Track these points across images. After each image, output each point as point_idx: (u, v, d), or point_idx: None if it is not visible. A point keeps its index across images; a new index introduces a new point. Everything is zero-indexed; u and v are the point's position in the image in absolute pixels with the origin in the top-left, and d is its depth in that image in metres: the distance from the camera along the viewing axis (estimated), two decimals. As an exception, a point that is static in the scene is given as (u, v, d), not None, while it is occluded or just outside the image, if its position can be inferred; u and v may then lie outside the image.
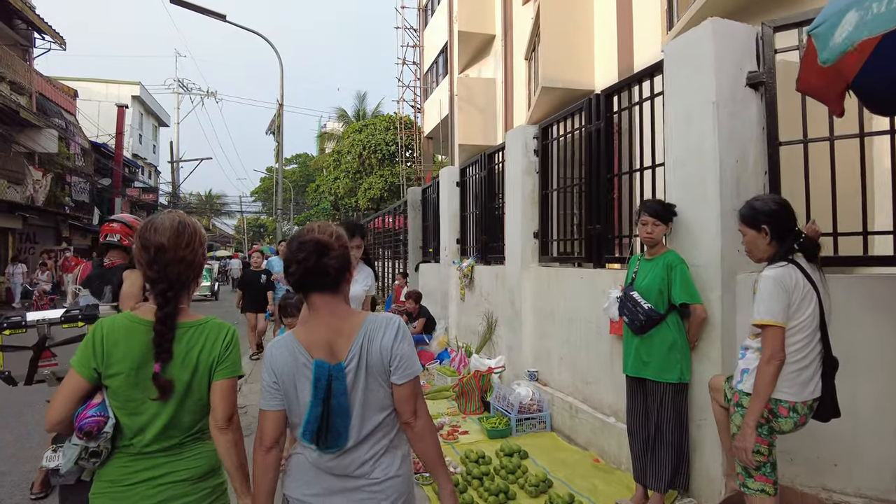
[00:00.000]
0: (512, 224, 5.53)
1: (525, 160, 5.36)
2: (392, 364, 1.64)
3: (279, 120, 14.40)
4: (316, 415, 1.58)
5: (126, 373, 1.63)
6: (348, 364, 1.62)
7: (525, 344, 5.32)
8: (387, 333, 1.66)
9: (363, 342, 1.64)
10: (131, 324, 1.68)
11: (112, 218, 3.82)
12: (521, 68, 15.15)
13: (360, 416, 1.64)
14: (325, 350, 1.63)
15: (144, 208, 31.96)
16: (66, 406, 1.63)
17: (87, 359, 1.64)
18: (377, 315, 1.72)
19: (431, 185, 9.11)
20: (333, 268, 1.66)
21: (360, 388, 1.63)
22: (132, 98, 31.78)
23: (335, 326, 1.66)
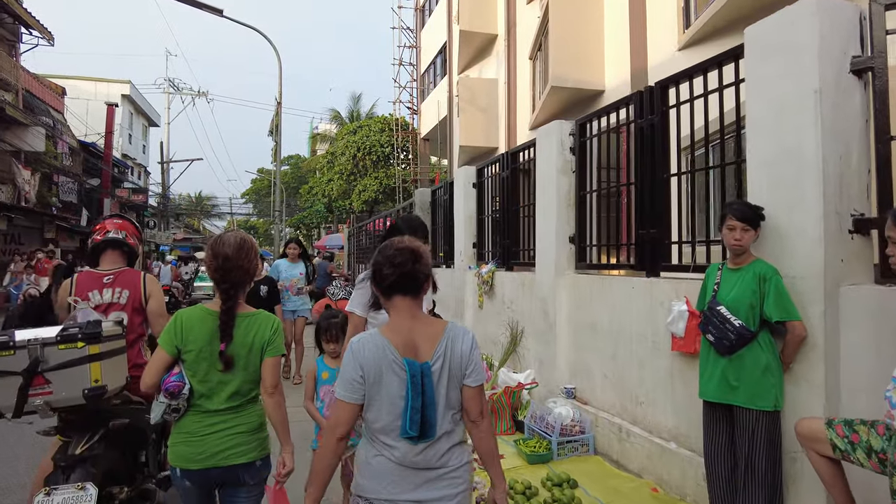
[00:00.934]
0: (545, 228, 5.13)
1: (560, 158, 4.95)
2: (468, 368, 1.84)
3: (278, 119, 13.91)
4: (416, 406, 1.75)
5: (198, 350, 2.16)
6: (434, 364, 1.80)
7: (560, 358, 4.91)
8: (465, 341, 1.85)
9: (447, 346, 1.83)
10: (203, 314, 2.22)
11: (116, 214, 3.37)
12: (525, 69, 14.82)
13: (443, 411, 1.82)
14: (411, 350, 1.81)
15: (134, 209, 31.27)
16: (156, 374, 2.17)
17: (171, 338, 2.18)
18: (455, 325, 1.91)
19: (442, 185, 8.69)
20: (424, 273, 1.84)
21: (444, 386, 1.82)
22: (122, 97, 31.12)
23: (419, 329, 1.84)
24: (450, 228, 8.38)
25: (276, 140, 13.91)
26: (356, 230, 21.02)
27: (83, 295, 2.89)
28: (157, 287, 3.13)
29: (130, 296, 3.00)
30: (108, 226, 3.23)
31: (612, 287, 4.30)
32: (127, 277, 3.05)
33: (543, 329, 5.11)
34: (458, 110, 18.62)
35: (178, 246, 39.80)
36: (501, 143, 16.91)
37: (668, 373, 3.72)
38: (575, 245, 4.92)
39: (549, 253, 5.02)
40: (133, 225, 3.32)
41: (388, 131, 29.92)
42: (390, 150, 29.95)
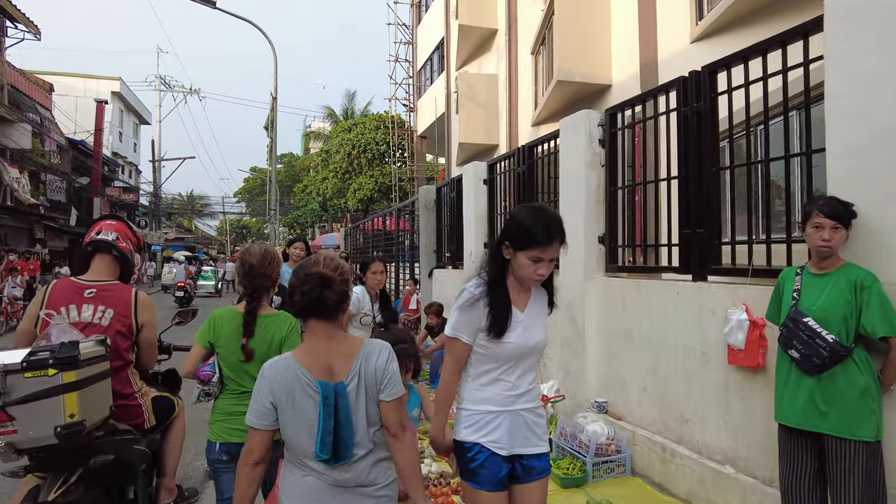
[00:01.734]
0: (571, 227, 4.69)
1: (589, 151, 4.55)
2: (383, 383, 1.84)
3: (273, 114, 13.46)
4: (328, 429, 1.76)
5: (227, 344, 2.53)
6: (349, 383, 1.82)
7: (589, 369, 4.51)
8: (381, 356, 1.87)
9: (361, 363, 1.84)
10: (232, 313, 2.59)
11: (112, 214, 2.94)
12: (527, 64, 14.45)
13: (363, 430, 1.83)
14: (324, 371, 1.83)
15: (125, 208, 30.69)
16: (194, 364, 2.57)
17: (205, 335, 2.56)
18: (372, 340, 1.95)
19: (448, 183, 8.28)
20: (333, 300, 1.85)
21: (362, 404, 1.84)
22: (112, 94, 30.50)
23: (334, 350, 1.86)
24: (457, 227, 7.97)
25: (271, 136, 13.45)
26: (352, 230, 20.59)
27: (56, 309, 2.45)
28: (150, 312, 2.69)
29: (116, 317, 2.54)
30: (100, 226, 2.79)
31: (652, 292, 3.90)
32: (114, 293, 2.58)
33: (570, 337, 4.70)
34: (456, 107, 18.23)
35: (169, 245, 39.26)
36: (502, 140, 16.53)
37: (722, 388, 3.32)
38: (605, 246, 4.52)
39: (576, 254, 4.62)
40: (129, 228, 2.87)
41: (384, 129, 29.52)
42: (385, 149, 29.54)
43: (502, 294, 2.00)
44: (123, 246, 2.69)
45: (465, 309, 2.00)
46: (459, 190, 7.87)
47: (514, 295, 2.04)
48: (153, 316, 2.72)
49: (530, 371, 2.08)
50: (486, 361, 2.03)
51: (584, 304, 4.53)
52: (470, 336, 2.01)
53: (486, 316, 1.96)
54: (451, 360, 2.06)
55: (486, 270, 2.05)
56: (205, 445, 2.68)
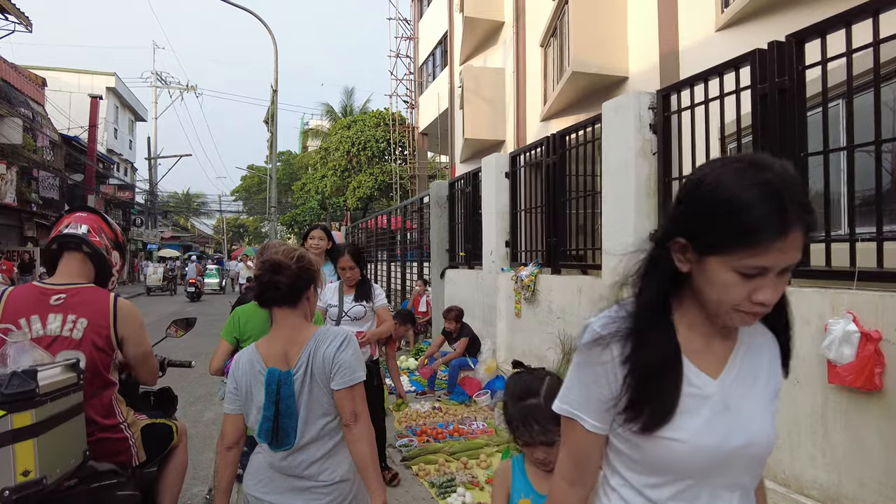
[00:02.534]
0: (616, 222, 4.21)
1: (638, 138, 4.03)
2: (333, 370, 1.79)
3: (273, 107, 12.92)
4: (268, 415, 1.78)
5: (254, 337, 2.54)
6: (296, 371, 1.81)
7: (639, 382, 4.00)
8: (332, 344, 1.83)
9: (311, 351, 1.82)
10: (255, 308, 2.70)
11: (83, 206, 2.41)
12: (536, 57, 13.97)
13: (306, 419, 1.80)
14: (280, 359, 1.84)
15: (120, 206, 30.11)
16: (221, 361, 2.70)
17: (231, 330, 2.74)
18: (328, 328, 1.91)
19: (463, 177, 7.75)
20: (285, 285, 1.85)
21: (306, 393, 1.81)
22: (107, 90, 29.84)
23: (291, 338, 1.86)
24: (473, 225, 7.45)
25: (271, 130, 12.91)
26: (352, 228, 20.07)
27: (14, 322, 1.92)
28: (134, 322, 2.17)
29: (91, 328, 2.02)
30: (70, 219, 2.26)
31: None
32: (88, 299, 2.06)
33: (614, 346, 4.19)
34: (460, 102, 17.74)
35: (166, 244, 38.72)
36: (509, 135, 16.06)
37: (819, 411, 2.81)
38: (657, 244, 4.00)
39: (620, 253, 4.10)
40: (104, 221, 2.34)
41: (384, 126, 29.03)
42: (386, 146, 29.03)
43: (663, 339, 1.03)
44: (96, 241, 2.16)
45: (585, 363, 1.06)
46: (476, 184, 7.36)
47: (695, 342, 1.07)
48: (140, 326, 2.19)
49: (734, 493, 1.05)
50: (638, 470, 1.06)
51: (633, 310, 4.01)
52: (597, 417, 1.05)
53: (625, 382, 1.02)
54: (566, 460, 1.10)
55: (635, 288, 1.13)
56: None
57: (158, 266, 25.44)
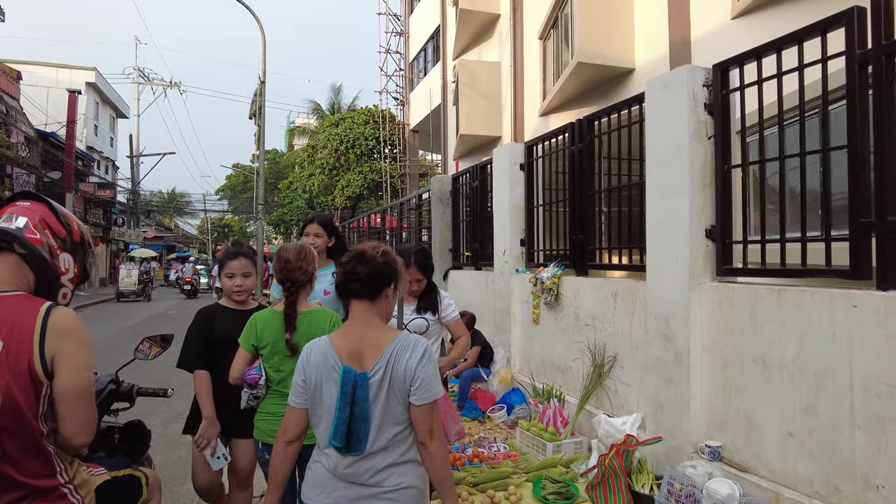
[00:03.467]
0: (665, 218, 3.65)
1: (692, 119, 3.47)
2: (413, 384, 1.74)
3: (261, 100, 12.25)
4: (343, 417, 1.71)
5: (271, 344, 2.52)
6: (373, 375, 1.74)
7: (694, 401, 3.44)
8: (413, 354, 1.76)
9: (390, 357, 1.76)
10: (272, 314, 2.58)
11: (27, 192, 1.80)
12: (534, 51, 13.52)
13: (379, 426, 1.74)
14: (356, 359, 1.78)
15: (100, 205, 29.18)
16: (240, 369, 2.54)
17: (248, 338, 2.56)
18: (408, 335, 1.84)
19: (469, 170, 7.17)
20: (366, 273, 1.82)
21: (382, 400, 1.74)
22: (86, 85, 28.88)
23: (367, 338, 1.80)
24: (481, 222, 6.88)
25: (258, 124, 12.25)
26: (342, 227, 19.44)
27: None
28: (72, 340, 1.57)
29: (6, 353, 1.45)
30: (8, 210, 1.66)
31: (805, 304, 2.84)
32: (8, 311, 1.49)
33: (663, 359, 3.63)
34: (454, 97, 17.22)
35: (148, 245, 37.77)
36: (506, 131, 15.57)
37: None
38: (716, 242, 3.45)
39: (675, 252, 3.55)
40: (52, 212, 1.73)
41: (373, 123, 28.41)
42: (375, 144, 28.41)
43: None
44: (35, 239, 1.56)
45: None
46: (484, 178, 6.79)
47: None
48: (80, 347, 1.57)
49: None
50: None
51: (687, 319, 3.45)
52: None
53: None
54: None
55: None
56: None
57: (133, 267, 22.91)
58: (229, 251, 3.08)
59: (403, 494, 1.76)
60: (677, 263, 3.53)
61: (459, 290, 7.47)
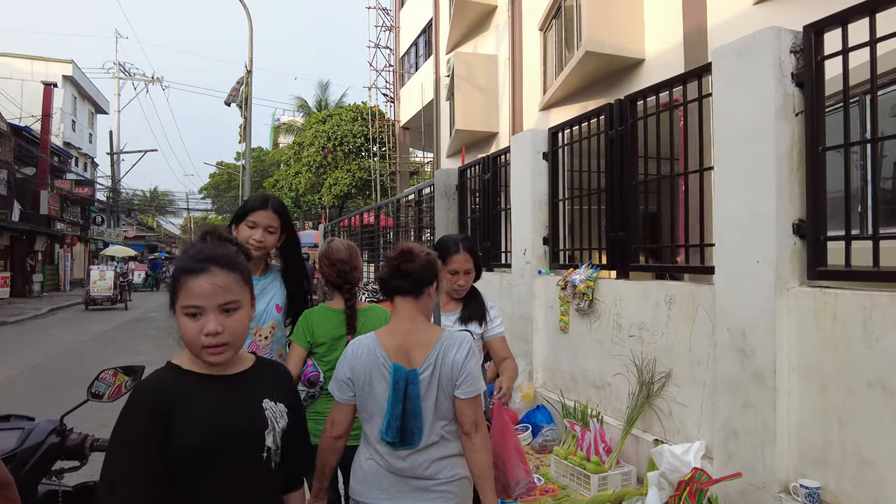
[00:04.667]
0: (738, 211, 3.06)
1: (777, 92, 2.88)
2: (459, 379, 1.79)
3: (247, 90, 11.55)
4: (396, 413, 1.76)
5: (329, 342, 2.40)
6: (423, 372, 1.80)
7: (782, 432, 2.86)
8: (460, 350, 1.81)
9: (438, 354, 1.81)
10: (327, 311, 2.45)
11: None
12: (533, 43, 13.01)
13: (431, 420, 1.80)
14: (402, 355, 1.82)
15: (78, 203, 28.16)
16: (297, 367, 2.36)
17: (303, 335, 2.41)
18: (453, 332, 1.92)
19: (481, 162, 6.56)
20: (414, 270, 1.85)
21: (432, 396, 1.80)
22: (63, 78, 27.78)
23: (414, 335, 1.84)
24: (493, 218, 6.28)
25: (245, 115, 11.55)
26: (331, 227, 18.73)
27: None
28: None
29: None
30: None
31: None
32: None
33: (738, 379, 3.04)
34: (447, 92, 16.66)
35: (129, 244, 36.68)
36: (503, 127, 15.02)
37: None
38: (807, 239, 2.87)
39: (752, 252, 2.96)
40: None
41: (362, 120, 27.77)
42: (364, 141, 27.75)
43: None
44: None
45: None
46: (496, 170, 6.19)
47: None
48: None
49: None
50: None
51: (772, 332, 2.86)
52: None
53: None
54: None
55: None
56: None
57: (107, 269, 18.96)
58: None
59: (459, 486, 1.83)
60: (758, 265, 2.94)
61: (467, 293, 6.85)
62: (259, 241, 2.40)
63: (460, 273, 2.62)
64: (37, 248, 22.77)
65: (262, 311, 2.40)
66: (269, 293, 2.48)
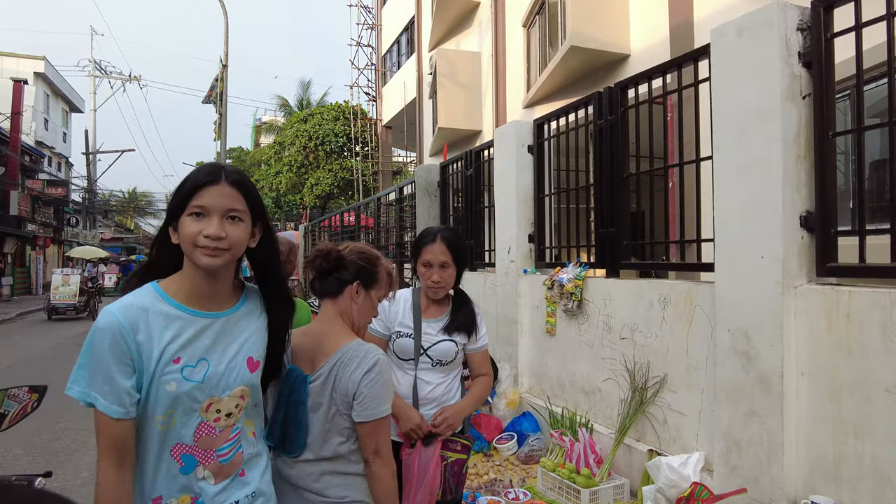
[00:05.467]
0: (740, 202, 2.81)
1: (785, 74, 2.64)
2: (356, 399, 1.60)
3: (222, 84, 11.16)
4: (276, 418, 1.61)
5: None
6: (314, 380, 1.63)
7: (790, 442, 2.62)
8: (360, 366, 1.61)
9: (335, 367, 1.63)
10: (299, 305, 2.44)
11: None
12: (517, 39, 12.81)
13: (322, 434, 1.63)
14: (307, 358, 1.67)
15: (51, 204, 27.40)
16: None
17: None
18: (361, 344, 1.67)
19: (463, 157, 6.29)
20: (326, 269, 1.74)
21: (324, 409, 1.62)
22: (35, 75, 27.01)
23: (323, 340, 1.69)
24: (475, 216, 6.01)
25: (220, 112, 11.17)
26: (311, 227, 18.34)
27: None
28: None
29: None
30: None
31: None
32: None
33: (741, 384, 2.80)
34: (430, 90, 16.39)
35: (106, 246, 35.85)
36: (486, 125, 14.79)
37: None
38: (815, 232, 2.63)
39: (755, 247, 2.72)
40: None
41: (344, 119, 27.39)
42: (346, 141, 27.37)
43: None
44: None
45: None
46: (479, 165, 5.93)
47: None
48: None
49: None
50: None
51: (779, 333, 2.62)
52: None
53: None
54: None
55: None
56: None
57: (72, 273, 16.23)
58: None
59: None
60: (762, 261, 2.70)
61: (449, 293, 6.58)
62: (216, 241, 1.31)
63: (434, 266, 2.29)
64: (6, 250, 22.07)
65: (225, 365, 1.37)
66: (240, 334, 1.43)
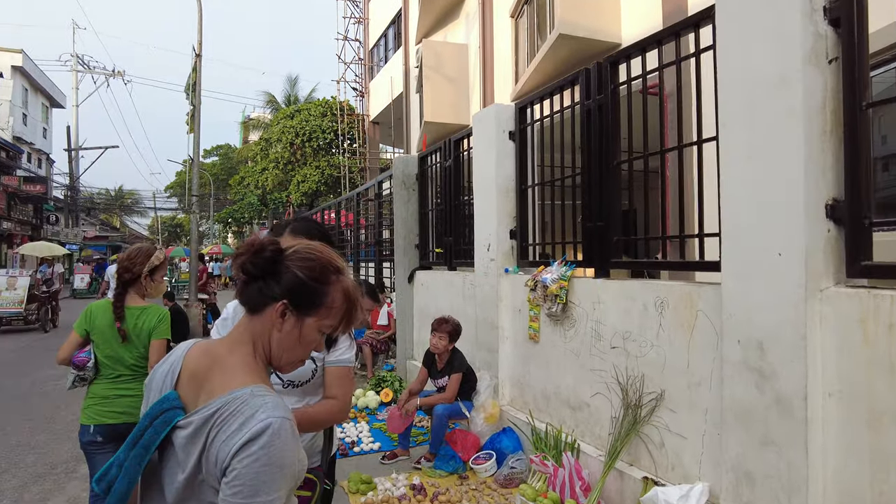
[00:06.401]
0: (752, 189, 2.36)
1: (807, 34, 2.20)
2: (225, 477, 1.03)
3: (195, 75, 10.63)
4: (116, 460, 1.11)
5: (102, 332, 2.71)
6: (185, 426, 1.09)
7: (816, 477, 2.17)
8: (241, 431, 1.03)
9: (214, 418, 1.07)
10: (106, 304, 2.75)
11: None
12: (505, 30, 12.41)
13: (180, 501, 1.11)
14: (194, 385, 1.14)
15: (30, 201, 26.67)
16: (69, 351, 2.71)
17: (81, 324, 2.74)
18: (257, 394, 1.08)
19: (441, 147, 5.82)
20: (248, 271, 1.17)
21: (187, 468, 1.08)
22: (12, 69, 26.25)
23: (214, 370, 1.14)
24: (455, 211, 5.55)
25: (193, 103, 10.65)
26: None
27: None
28: None
29: None
30: None
31: None
32: None
33: (753, 406, 2.35)
34: (417, 84, 15.92)
35: (90, 245, 35.11)
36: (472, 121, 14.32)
37: None
38: (844, 225, 2.18)
39: (771, 242, 2.27)
40: None
41: (331, 116, 26.88)
42: (333, 137, 26.86)
43: None
44: None
45: None
46: (458, 156, 5.46)
47: None
48: None
49: None
50: None
51: (801, 345, 2.17)
52: None
53: None
54: None
55: None
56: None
57: (18, 275, 13.51)
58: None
59: None
60: (780, 258, 2.25)
61: (429, 294, 6.10)
62: None
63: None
64: (-21, 248, 21.35)
65: None
66: None
